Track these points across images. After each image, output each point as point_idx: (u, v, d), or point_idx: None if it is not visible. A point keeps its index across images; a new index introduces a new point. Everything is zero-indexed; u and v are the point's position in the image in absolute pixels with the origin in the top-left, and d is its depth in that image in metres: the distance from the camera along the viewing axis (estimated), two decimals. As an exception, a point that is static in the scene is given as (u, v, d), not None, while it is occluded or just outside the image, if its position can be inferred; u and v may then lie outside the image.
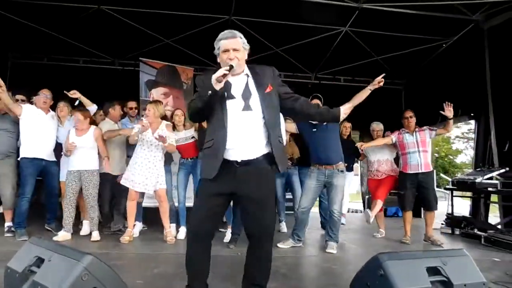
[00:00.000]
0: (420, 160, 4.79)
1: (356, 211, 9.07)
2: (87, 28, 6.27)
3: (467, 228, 5.30)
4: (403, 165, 4.96)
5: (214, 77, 2.07)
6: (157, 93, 5.73)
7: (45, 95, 4.44)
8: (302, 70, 8.02)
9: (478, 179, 5.14)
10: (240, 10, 5.83)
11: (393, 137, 5.02)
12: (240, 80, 2.26)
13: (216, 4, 5.67)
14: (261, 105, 2.21)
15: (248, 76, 2.28)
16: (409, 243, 4.76)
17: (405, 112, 5.07)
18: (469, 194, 6.21)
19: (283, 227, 5.46)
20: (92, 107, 4.70)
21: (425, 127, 4.94)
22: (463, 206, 6.78)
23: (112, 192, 4.73)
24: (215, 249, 2.30)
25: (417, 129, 4.92)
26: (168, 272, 3.10)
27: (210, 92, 2.10)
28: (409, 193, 4.86)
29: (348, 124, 5.48)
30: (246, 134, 2.18)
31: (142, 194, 4.67)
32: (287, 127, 4.26)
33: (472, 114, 6.61)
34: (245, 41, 2.27)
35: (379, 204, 5.08)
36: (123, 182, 4.32)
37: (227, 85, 2.19)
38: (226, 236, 4.46)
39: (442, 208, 5.93)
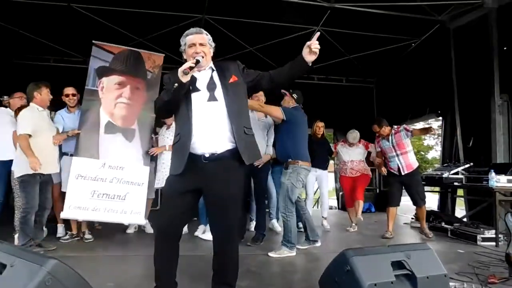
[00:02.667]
0: (401, 163, 4.92)
1: (331, 207, 9.19)
2: (57, 26, 6.11)
3: (435, 221, 5.48)
4: (388, 167, 5.10)
5: (181, 69, 2.10)
6: (109, 82, 4.37)
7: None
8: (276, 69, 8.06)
9: (445, 174, 5.32)
10: (213, 9, 5.81)
11: (377, 146, 5.25)
12: (205, 73, 2.30)
13: (189, 2, 5.63)
14: (223, 95, 2.23)
15: (213, 70, 2.32)
16: (391, 237, 4.87)
17: (372, 127, 5.15)
18: (437, 188, 6.43)
19: (275, 224, 5.36)
20: None
21: (401, 128, 5.02)
22: (432, 201, 7.02)
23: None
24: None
25: (393, 131, 5.02)
26: (139, 273, 3.08)
27: (176, 84, 2.12)
28: (394, 190, 5.04)
29: (321, 124, 5.55)
30: (211, 125, 2.19)
31: None
32: (271, 111, 3.95)
33: (439, 112, 6.83)
34: (211, 38, 2.35)
35: (361, 204, 5.35)
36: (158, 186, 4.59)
37: (193, 79, 2.22)
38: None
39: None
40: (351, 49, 7.17)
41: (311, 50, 2.19)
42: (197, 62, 2.14)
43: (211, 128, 2.18)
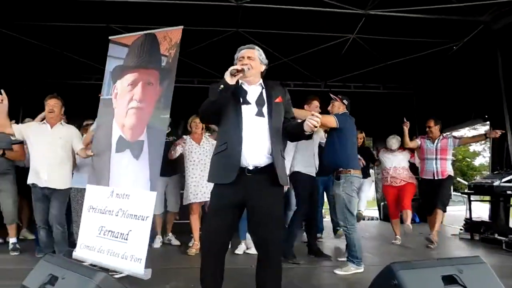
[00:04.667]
0: (436, 167, 4.88)
1: (372, 218, 8.93)
2: (98, 46, 6.39)
3: (487, 233, 5.18)
4: (420, 170, 5.12)
5: (229, 70, 2.18)
6: (122, 84, 3.58)
7: None
8: (312, 79, 8.02)
9: (496, 182, 5.04)
10: (247, 22, 5.88)
11: (418, 141, 5.18)
12: (255, 89, 2.36)
13: (222, 17, 5.74)
14: (268, 113, 2.28)
15: (262, 87, 2.38)
16: (432, 247, 4.79)
17: (428, 121, 5.14)
18: (487, 198, 6.09)
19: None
20: None
21: (450, 135, 5.05)
22: (483, 210, 6.64)
23: None
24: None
25: (441, 137, 5.00)
26: (181, 287, 3.10)
27: (222, 86, 2.16)
28: (429, 199, 4.96)
29: (361, 135, 5.47)
30: (257, 138, 2.23)
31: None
32: (327, 122, 3.66)
33: (486, 116, 6.49)
34: (264, 55, 2.41)
35: (409, 214, 5.11)
36: (198, 199, 4.36)
37: (243, 92, 2.31)
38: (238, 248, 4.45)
39: (461, 212, 5.82)
40: (388, 56, 6.99)
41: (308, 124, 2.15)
42: (242, 70, 2.21)
43: (256, 141, 2.22)
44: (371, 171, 7.41)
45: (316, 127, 2.13)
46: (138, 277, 3.00)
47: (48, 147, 3.75)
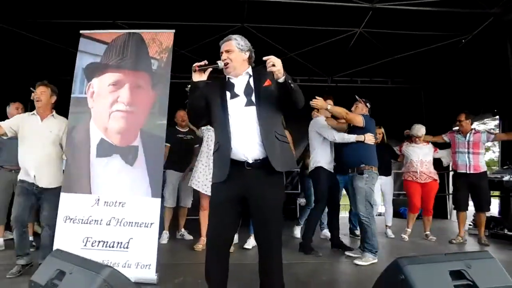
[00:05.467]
0: (469, 161, 4.85)
1: (380, 214, 8.86)
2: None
3: (497, 228, 5.12)
4: (453, 163, 5.09)
5: (193, 66, 2.19)
6: (101, 84, 3.33)
7: None
8: (318, 74, 7.98)
9: (506, 177, 5.00)
10: (252, 17, 5.85)
11: (445, 137, 5.18)
12: (243, 79, 2.32)
13: (228, 12, 5.72)
14: (256, 101, 2.21)
15: (250, 75, 2.32)
16: (456, 242, 4.84)
17: (459, 115, 5.09)
18: (497, 193, 6.02)
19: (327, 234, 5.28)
20: None
21: (483, 130, 5.03)
22: (492, 206, 6.56)
23: None
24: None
25: (473, 131, 4.97)
26: (188, 282, 3.12)
27: (188, 86, 2.18)
28: (461, 194, 4.92)
29: (380, 130, 5.43)
30: (249, 130, 2.18)
31: None
32: (355, 119, 4.00)
33: (495, 110, 6.41)
34: (243, 42, 2.33)
35: (430, 219, 5.19)
36: (200, 188, 4.23)
37: (231, 86, 2.28)
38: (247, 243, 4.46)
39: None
40: (395, 50, 6.92)
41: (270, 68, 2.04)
42: (214, 63, 2.22)
43: (249, 133, 2.18)
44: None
45: (274, 65, 2.00)
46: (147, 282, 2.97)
47: (37, 142, 3.32)
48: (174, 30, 3.52)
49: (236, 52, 2.30)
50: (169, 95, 4.24)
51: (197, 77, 2.23)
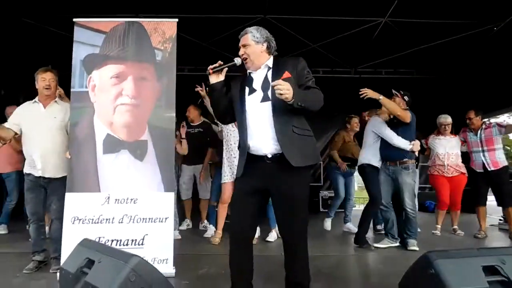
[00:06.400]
0: (486, 159, 4.75)
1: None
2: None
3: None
4: (470, 162, 4.98)
5: (208, 69, 2.24)
6: (102, 76, 3.18)
7: None
8: (341, 65, 7.85)
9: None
10: (275, 8, 5.78)
11: (461, 138, 5.09)
12: (261, 73, 2.29)
13: (250, 4, 5.68)
14: (272, 95, 2.15)
15: (269, 68, 2.29)
16: (484, 237, 4.76)
17: (468, 112, 4.98)
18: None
19: (328, 225, 5.43)
20: None
21: (493, 123, 4.85)
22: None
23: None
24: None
25: (483, 127, 4.83)
26: (213, 273, 3.14)
27: (207, 88, 2.17)
28: (480, 189, 4.84)
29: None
30: (265, 125, 2.17)
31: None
32: (405, 116, 4.02)
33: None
34: (258, 34, 2.29)
35: (458, 214, 5.08)
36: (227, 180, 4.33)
37: (250, 81, 2.28)
38: (269, 236, 4.46)
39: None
40: (421, 40, 6.70)
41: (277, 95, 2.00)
42: (231, 62, 2.26)
43: (264, 129, 2.17)
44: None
45: (281, 95, 1.96)
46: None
47: (42, 130, 3.17)
48: (177, 19, 3.36)
49: (252, 45, 2.28)
50: (190, 89, 4.26)
51: (214, 79, 2.27)
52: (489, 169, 4.69)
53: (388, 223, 4.23)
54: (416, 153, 4.16)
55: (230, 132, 4.42)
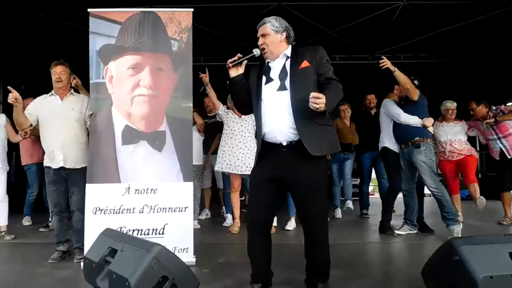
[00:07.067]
0: (504, 146, 4.67)
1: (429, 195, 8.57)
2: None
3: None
4: (489, 150, 4.92)
5: (227, 63, 2.25)
6: (119, 67, 3.19)
7: None
8: (359, 51, 7.71)
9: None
10: (290, -5, 5.72)
11: (474, 130, 5.02)
12: (279, 62, 2.28)
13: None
14: (290, 84, 2.17)
15: (287, 57, 2.27)
16: (507, 224, 4.66)
17: (470, 103, 4.89)
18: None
19: (338, 213, 5.51)
20: None
21: (498, 109, 4.73)
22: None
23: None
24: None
25: (491, 114, 4.73)
26: (233, 262, 3.16)
27: (227, 82, 2.24)
28: (503, 175, 4.78)
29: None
30: (282, 114, 2.16)
31: None
32: (412, 92, 3.93)
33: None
34: (278, 24, 2.28)
35: (477, 187, 4.76)
36: (228, 169, 4.32)
37: (267, 70, 2.28)
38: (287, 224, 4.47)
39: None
40: (441, 23, 6.51)
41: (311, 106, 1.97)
42: (250, 53, 2.27)
43: (281, 118, 2.16)
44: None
45: (317, 108, 1.94)
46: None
47: (60, 122, 3.22)
48: (192, 9, 3.34)
49: (272, 35, 2.26)
50: (210, 79, 4.22)
51: (234, 72, 2.29)
52: (508, 157, 4.62)
53: (408, 210, 4.13)
54: (431, 131, 3.99)
55: (232, 119, 4.44)
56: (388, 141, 4.29)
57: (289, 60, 2.26)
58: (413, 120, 3.94)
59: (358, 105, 5.90)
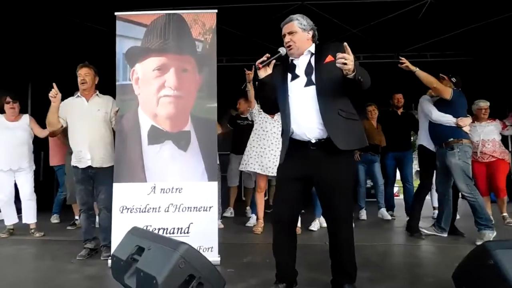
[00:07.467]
0: None
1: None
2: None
3: None
4: None
5: (256, 64, 2.23)
6: (145, 69, 3.26)
7: None
8: (383, 50, 7.56)
9: None
10: (313, -6, 5.66)
11: (508, 123, 4.89)
12: (304, 58, 2.27)
13: (287, -10, 5.59)
14: (316, 79, 2.16)
15: (312, 54, 2.26)
16: None
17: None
18: None
19: (363, 215, 5.40)
20: None
21: None
22: None
23: None
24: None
25: None
26: (257, 261, 3.16)
27: (257, 83, 2.24)
28: None
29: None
30: (309, 110, 2.15)
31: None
32: (443, 90, 3.76)
33: None
34: (305, 22, 2.28)
35: (505, 202, 4.73)
36: (256, 169, 4.30)
37: (293, 67, 2.27)
38: (312, 224, 4.44)
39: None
40: (471, 18, 6.29)
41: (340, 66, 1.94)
42: (277, 53, 2.26)
43: (309, 114, 2.15)
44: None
45: (345, 64, 1.91)
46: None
47: (87, 123, 3.33)
48: (216, 10, 3.39)
49: (299, 33, 2.26)
50: (229, 80, 4.23)
51: (263, 73, 2.27)
52: None
53: (439, 213, 4.02)
54: (467, 131, 3.80)
55: (265, 119, 4.43)
56: (425, 139, 4.14)
57: (313, 56, 2.25)
58: (446, 119, 3.77)
59: (384, 105, 5.80)
